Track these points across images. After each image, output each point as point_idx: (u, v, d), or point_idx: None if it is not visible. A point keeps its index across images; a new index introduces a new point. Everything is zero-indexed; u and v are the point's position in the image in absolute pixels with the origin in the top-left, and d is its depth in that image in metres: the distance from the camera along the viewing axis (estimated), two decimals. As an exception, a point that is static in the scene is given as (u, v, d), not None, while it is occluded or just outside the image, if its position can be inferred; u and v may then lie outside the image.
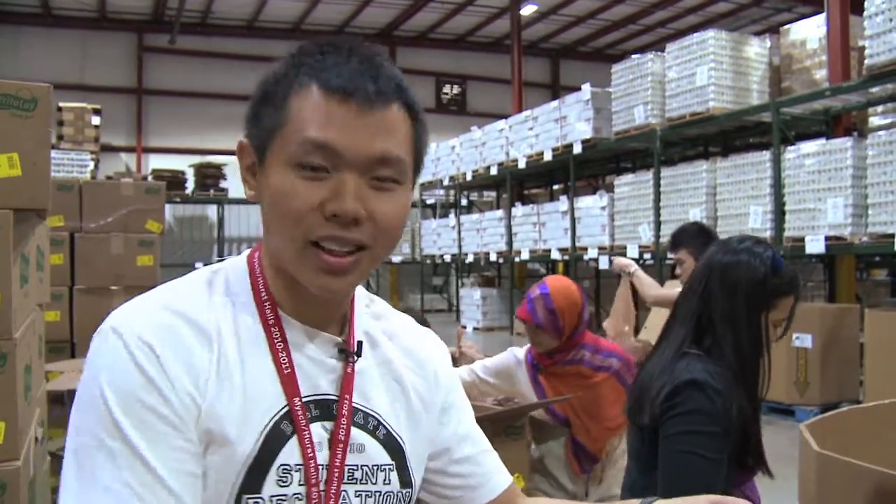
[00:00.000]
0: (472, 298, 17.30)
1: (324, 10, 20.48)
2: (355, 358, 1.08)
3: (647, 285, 4.18)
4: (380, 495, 1.07)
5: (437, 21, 21.88)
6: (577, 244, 13.21)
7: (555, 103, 13.92)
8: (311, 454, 1.00)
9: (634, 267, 4.19)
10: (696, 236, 4.06)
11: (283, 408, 1.01)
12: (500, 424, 2.60)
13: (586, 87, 12.79)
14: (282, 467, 0.98)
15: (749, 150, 11.25)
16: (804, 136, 10.19)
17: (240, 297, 1.06)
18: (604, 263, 12.83)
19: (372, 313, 1.19)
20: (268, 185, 1.01)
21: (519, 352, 3.03)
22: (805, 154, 8.87)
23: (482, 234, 16.62)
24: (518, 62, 18.01)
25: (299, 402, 1.01)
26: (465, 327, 14.66)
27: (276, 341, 1.03)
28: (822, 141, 8.99)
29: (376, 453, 1.07)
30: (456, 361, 3.91)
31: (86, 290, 4.52)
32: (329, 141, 0.97)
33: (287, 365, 1.02)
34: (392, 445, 1.09)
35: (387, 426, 1.10)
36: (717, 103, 10.30)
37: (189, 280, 1.10)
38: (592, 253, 12.82)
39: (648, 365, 2.06)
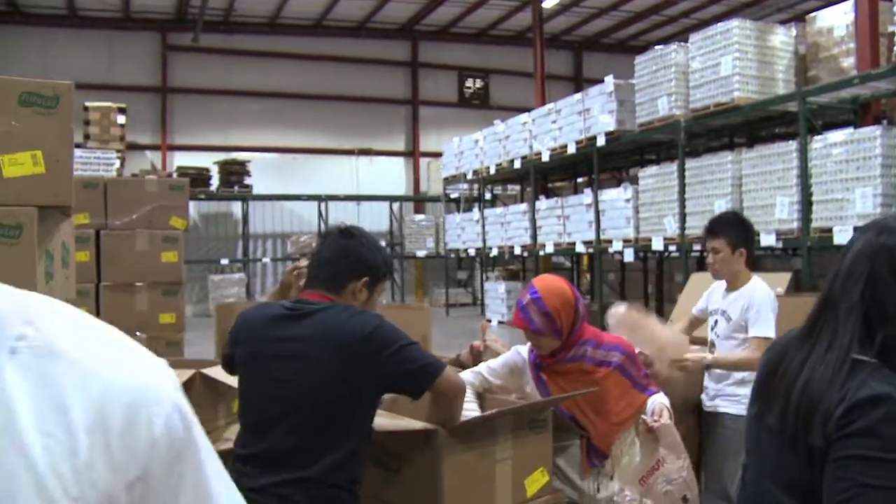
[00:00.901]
0: (496, 292, 17.27)
1: (345, 5, 20.50)
2: None
3: (737, 363, 3.83)
4: None
5: (459, 15, 21.82)
6: (602, 237, 13.14)
7: (578, 96, 13.85)
8: None
9: (709, 358, 3.88)
10: (734, 226, 4.00)
11: None
12: (524, 418, 2.59)
13: (609, 79, 12.71)
14: None
15: (775, 140, 11.11)
16: (831, 125, 10.05)
17: None
18: (629, 256, 12.76)
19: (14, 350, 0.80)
20: None
21: (523, 350, 3.01)
22: (832, 143, 8.75)
23: (506, 227, 16.58)
24: (540, 55, 17.93)
25: None
26: (489, 321, 14.64)
27: None
28: (850, 130, 8.87)
29: None
30: (481, 355, 3.91)
31: (112, 287, 4.57)
32: None
33: None
34: None
35: None
36: (742, 93, 10.18)
37: None
38: (617, 246, 12.75)
39: (793, 358, 1.69)
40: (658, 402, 2.84)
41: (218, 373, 3.09)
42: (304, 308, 2.32)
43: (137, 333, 4.63)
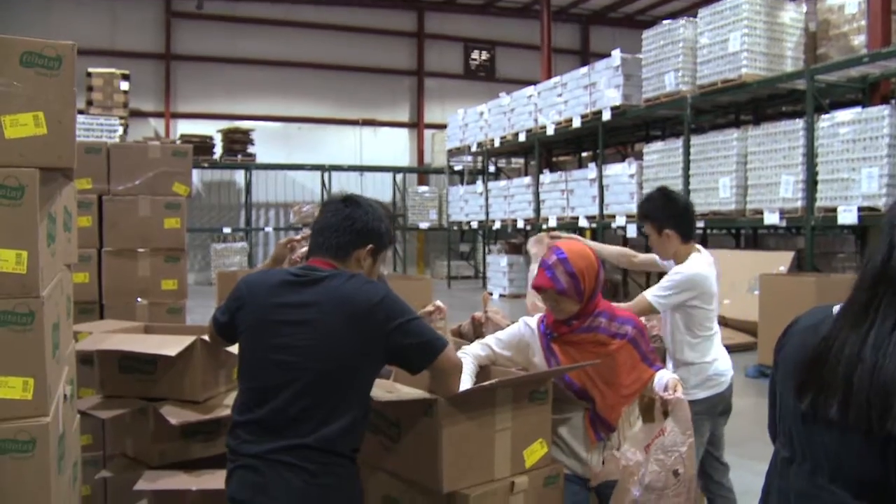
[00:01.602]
0: (498, 265, 17.29)
1: (352, -26, 20.33)
2: None
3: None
4: None
5: (466, -14, 21.64)
6: (605, 212, 13.13)
7: (584, 70, 13.77)
8: None
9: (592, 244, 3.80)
10: (658, 207, 3.76)
11: None
12: (525, 389, 2.59)
13: (616, 54, 12.63)
14: None
15: (781, 118, 11.06)
16: (839, 104, 9.99)
17: None
18: (632, 231, 12.74)
19: None
20: None
21: (531, 321, 2.99)
22: (840, 122, 8.70)
23: (510, 200, 16.56)
24: (547, 28, 17.80)
25: None
26: (490, 293, 14.64)
27: None
28: (858, 109, 8.81)
29: None
30: (482, 326, 3.91)
31: (114, 253, 4.56)
32: None
33: None
34: None
35: None
36: (750, 70, 10.12)
37: None
38: (620, 221, 12.74)
39: (844, 344, 1.50)
40: (669, 376, 2.83)
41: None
42: (311, 275, 2.31)
43: (139, 299, 4.63)
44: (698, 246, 3.78)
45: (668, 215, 3.70)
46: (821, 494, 1.53)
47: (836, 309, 1.60)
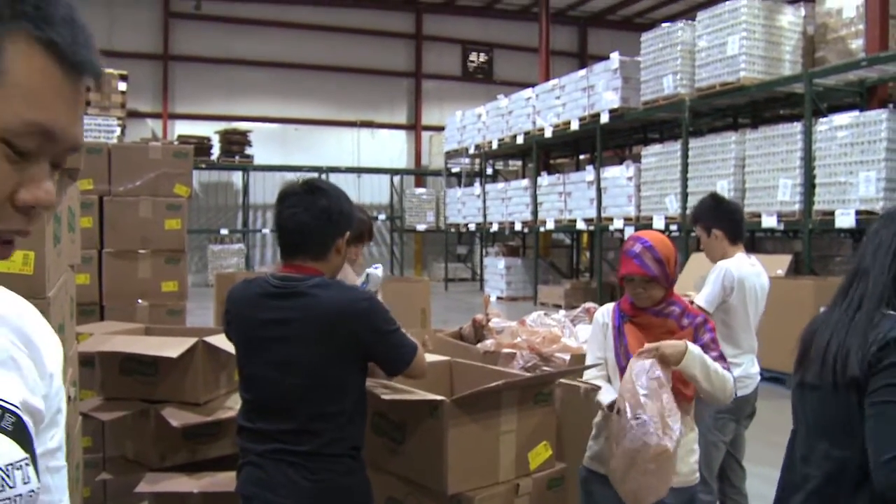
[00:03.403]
0: (496, 268, 17.29)
1: (350, -25, 20.33)
2: None
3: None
4: (21, 499, 0.83)
5: (464, -12, 21.66)
6: (603, 215, 13.14)
7: (582, 72, 13.79)
8: None
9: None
10: (707, 209, 3.99)
11: None
12: (530, 391, 2.59)
13: (615, 56, 12.64)
14: None
15: (779, 121, 11.07)
16: (836, 108, 10.01)
17: None
18: (629, 234, 12.73)
19: None
20: None
21: (605, 312, 2.98)
22: (837, 126, 8.72)
23: (507, 203, 16.57)
24: (545, 30, 17.82)
25: None
26: (489, 296, 14.64)
27: None
28: (856, 113, 8.83)
29: (6, 449, 0.83)
30: (483, 329, 3.91)
31: (114, 254, 4.55)
32: (58, 130, 0.78)
33: None
34: (22, 435, 0.85)
35: (14, 411, 0.85)
36: (748, 73, 10.13)
37: None
38: (618, 223, 12.75)
39: (824, 325, 2.00)
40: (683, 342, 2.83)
41: (220, 341, 3.09)
42: (290, 286, 2.27)
43: (139, 301, 4.62)
44: (747, 254, 3.95)
45: (717, 216, 3.90)
46: (813, 452, 1.94)
47: None
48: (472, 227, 18.59)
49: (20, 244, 0.83)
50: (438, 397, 2.42)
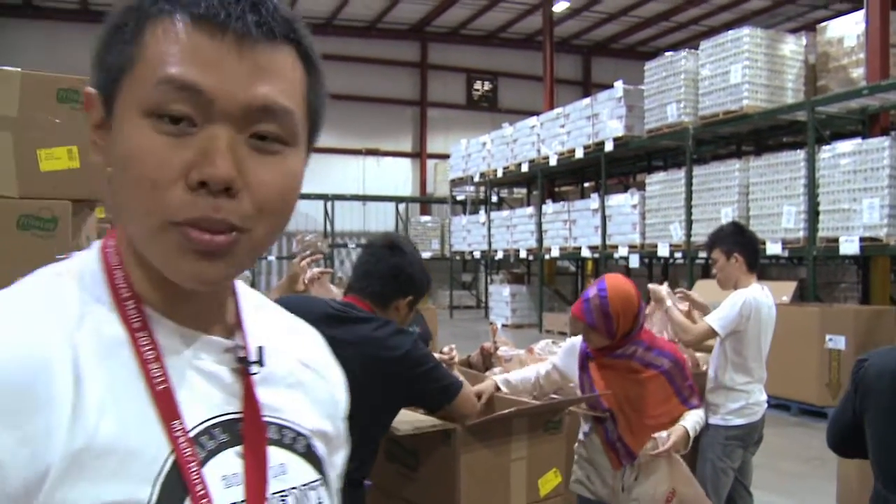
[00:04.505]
0: (501, 295, 17.32)
1: (356, 4, 20.57)
2: (256, 368, 0.86)
3: (679, 325, 3.86)
4: None
5: (469, 17, 21.89)
6: (608, 242, 13.18)
7: (587, 101, 13.89)
8: (203, 494, 0.76)
9: (669, 302, 3.92)
10: (728, 234, 4.05)
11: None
12: (540, 419, 2.63)
13: (619, 85, 12.76)
14: None
15: (783, 149, 11.16)
16: (839, 135, 10.09)
17: (99, 300, 0.79)
18: (634, 262, 12.79)
19: (257, 308, 0.98)
20: (115, 142, 0.76)
21: (577, 339, 3.05)
22: (840, 153, 8.79)
23: (512, 230, 16.63)
24: (550, 59, 17.98)
25: (180, 428, 0.77)
26: (492, 324, 14.64)
27: (144, 349, 0.78)
28: (859, 140, 8.90)
29: (301, 471, 0.86)
30: (491, 357, 3.94)
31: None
32: (196, 80, 0.73)
33: (161, 379, 0.77)
34: (315, 457, 0.89)
35: (306, 436, 0.89)
36: (751, 101, 10.22)
37: (24, 291, 0.78)
38: (623, 251, 12.79)
39: None
40: (680, 425, 2.86)
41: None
42: (350, 313, 2.37)
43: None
44: (760, 284, 4.00)
45: (737, 241, 3.96)
46: None
47: None
48: (476, 254, 18.65)
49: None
50: (451, 425, 2.46)
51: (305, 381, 0.94)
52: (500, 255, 17.34)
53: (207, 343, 0.83)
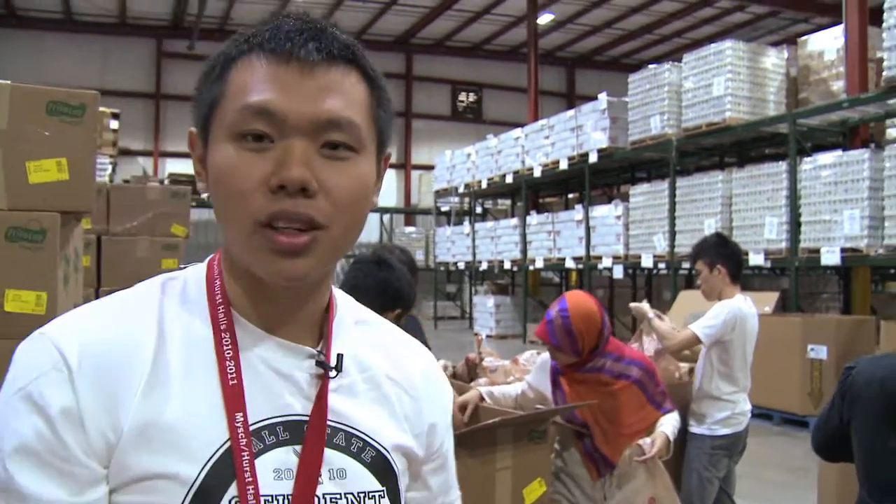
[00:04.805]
0: (485, 306, 17.34)
1: (342, 16, 20.59)
2: (333, 373, 0.94)
3: (664, 334, 3.91)
4: None
5: (454, 29, 21.97)
6: (592, 253, 13.23)
7: (571, 112, 13.97)
8: (251, 481, 0.85)
9: (652, 314, 3.98)
10: (711, 245, 4.09)
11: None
12: (524, 428, 2.66)
13: (603, 97, 12.84)
14: (234, 499, 0.84)
15: (765, 160, 11.26)
16: (820, 147, 10.20)
17: (195, 303, 0.94)
18: (618, 273, 12.85)
19: (357, 322, 1.07)
20: (210, 166, 0.90)
21: (548, 356, 3.08)
22: (821, 165, 8.88)
23: (496, 241, 16.66)
24: (534, 71, 18.07)
25: (242, 420, 0.87)
26: (477, 335, 14.64)
27: (225, 347, 0.90)
28: (839, 152, 9.01)
29: (361, 478, 0.92)
30: (476, 367, 3.96)
31: (112, 293, 4.58)
32: (269, 104, 0.86)
33: (234, 375, 0.88)
34: (382, 468, 0.95)
35: (376, 447, 0.95)
36: (734, 114, 10.32)
37: (138, 288, 0.96)
38: (607, 262, 12.85)
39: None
40: (660, 430, 2.90)
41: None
42: None
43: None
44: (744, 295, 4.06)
45: (721, 253, 4.00)
46: None
47: None
48: (461, 265, 18.67)
49: (34, 285, 0.90)
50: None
51: (391, 396, 1.01)
52: (484, 266, 17.37)
53: (289, 348, 0.94)
